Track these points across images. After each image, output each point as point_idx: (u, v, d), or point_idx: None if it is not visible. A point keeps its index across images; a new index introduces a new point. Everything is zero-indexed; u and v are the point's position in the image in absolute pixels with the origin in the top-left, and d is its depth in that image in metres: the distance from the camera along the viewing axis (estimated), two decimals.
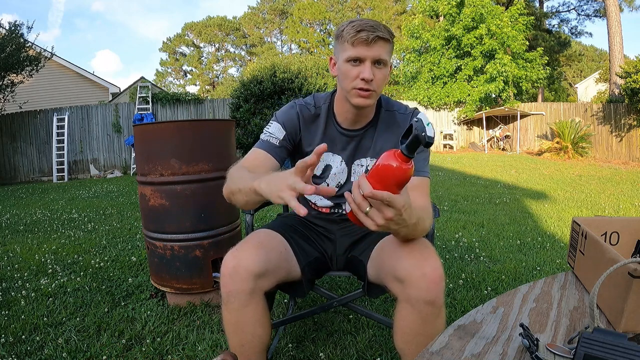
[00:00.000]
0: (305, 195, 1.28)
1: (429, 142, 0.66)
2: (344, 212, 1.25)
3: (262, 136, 1.17)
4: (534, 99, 19.55)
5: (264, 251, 1.01)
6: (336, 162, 1.20)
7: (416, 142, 0.67)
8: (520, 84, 12.76)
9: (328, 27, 30.06)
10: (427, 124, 0.67)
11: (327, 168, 1.21)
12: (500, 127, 12.35)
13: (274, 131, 1.16)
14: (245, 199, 0.94)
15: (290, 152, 1.19)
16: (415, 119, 0.67)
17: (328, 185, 1.22)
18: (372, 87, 1.03)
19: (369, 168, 1.18)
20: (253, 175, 0.91)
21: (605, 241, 0.88)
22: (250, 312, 1.00)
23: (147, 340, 1.61)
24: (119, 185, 7.36)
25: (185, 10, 67.00)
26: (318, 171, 1.21)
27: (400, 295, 0.94)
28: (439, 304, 0.90)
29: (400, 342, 0.96)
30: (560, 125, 10.16)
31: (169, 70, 33.94)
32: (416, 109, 1.20)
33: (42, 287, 2.20)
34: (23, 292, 2.14)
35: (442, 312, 0.93)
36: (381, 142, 1.17)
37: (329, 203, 1.26)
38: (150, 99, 10.34)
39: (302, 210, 0.69)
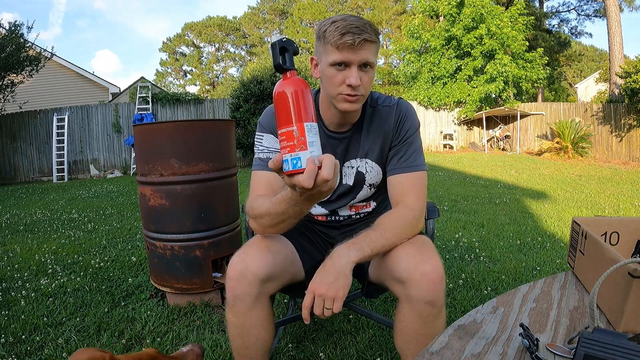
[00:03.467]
0: None
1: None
2: (341, 219, 1.24)
3: (257, 154, 1.11)
4: (534, 99, 19.54)
5: (271, 255, 0.99)
6: None
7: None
8: (520, 84, 12.76)
9: None
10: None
11: None
12: (500, 127, 12.34)
13: (268, 144, 1.10)
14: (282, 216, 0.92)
15: None
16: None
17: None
18: (360, 92, 0.98)
19: (359, 169, 1.15)
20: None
21: (605, 241, 0.88)
22: (255, 316, 1.00)
23: (147, 340, 1.61)
24: (119, 185, 7.36)
25: (185, 10, 67.13)
26: None
27: (401, 296, 0.94)
28: (440, 304, 0.90)
29: (400, 342, 0.96)
30: (560, 125, 10.15)
31: (169, 70, 33.96)
32: (401, 98, 1.16)
33: (42, 287, 2.20)
34: (23, 292, 2.14)
35: (443, 313, 0.93)
36: (369, 141, 1.13)
37: (323, 211, 1.24)
38: (150, 99, 10.34)
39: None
